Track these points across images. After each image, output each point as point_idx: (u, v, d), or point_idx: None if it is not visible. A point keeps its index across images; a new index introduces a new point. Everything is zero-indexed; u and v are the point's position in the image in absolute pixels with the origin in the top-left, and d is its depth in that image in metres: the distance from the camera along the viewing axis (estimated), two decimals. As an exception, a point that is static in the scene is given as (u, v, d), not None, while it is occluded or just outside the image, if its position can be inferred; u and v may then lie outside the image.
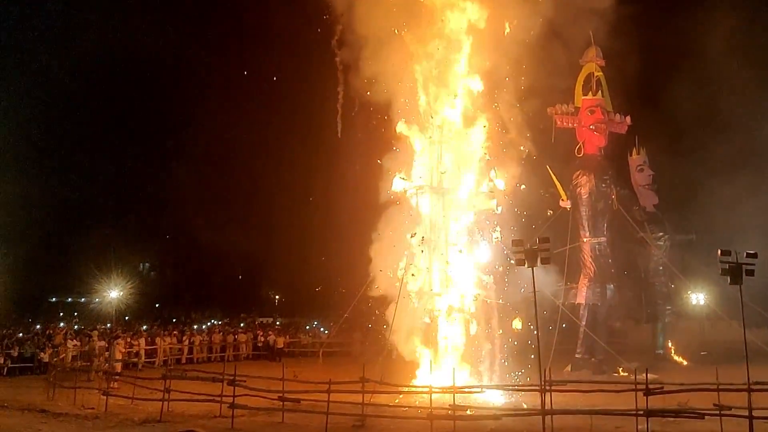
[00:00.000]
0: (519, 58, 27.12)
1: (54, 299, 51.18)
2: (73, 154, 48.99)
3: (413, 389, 21.44)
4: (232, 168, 59.43)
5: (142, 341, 33.61)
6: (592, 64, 32.51)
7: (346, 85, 28.26)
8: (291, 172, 55.04)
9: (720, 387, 17.40)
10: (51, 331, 35.76)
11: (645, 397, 16.82)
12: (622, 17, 30.93)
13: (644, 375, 17.44)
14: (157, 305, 53.05)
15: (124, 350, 29.95)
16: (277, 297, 66.84)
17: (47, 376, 25.22)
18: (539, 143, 30.09)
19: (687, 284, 35.06)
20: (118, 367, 26.83)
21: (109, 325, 37.27)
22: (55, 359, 27.90)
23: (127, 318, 41.09)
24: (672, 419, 17.10)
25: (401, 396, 20.86)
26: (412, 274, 26.46)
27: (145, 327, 41.51)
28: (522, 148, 28.01)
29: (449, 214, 27.00)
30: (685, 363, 33.83)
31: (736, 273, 17.94)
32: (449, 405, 18.29)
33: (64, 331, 35.45)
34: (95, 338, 31.76)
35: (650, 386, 17.15)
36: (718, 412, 16.71)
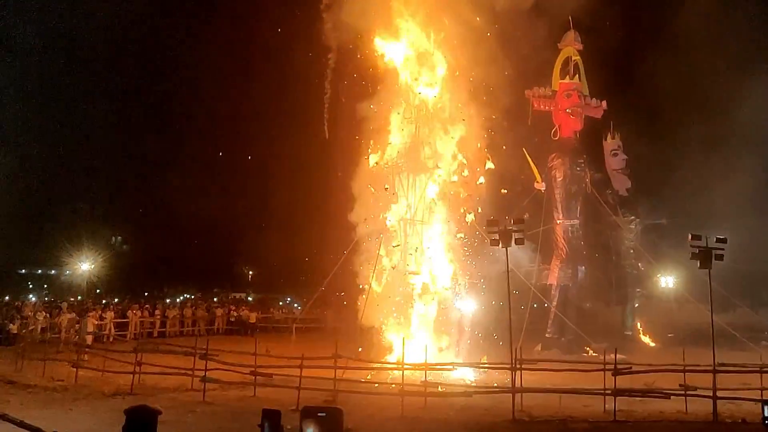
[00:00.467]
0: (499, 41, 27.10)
1: (23, 271, 50.57)
2: (46, 127, 48.30)
3: (386, 366, 21.52)
4: (207, 142, 59.01)
5: (111, 314, 33.30)
6: (570, 48, 32.65)
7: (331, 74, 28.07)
8: (268, 147, 54.70)
9: (686, 368, 17.72)
10: (20, 303, 35.42)
11: (613, 377, 17.05)
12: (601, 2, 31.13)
13: (613, 355, 17.67)
14: (129, 279, 52.59)
15: (95, 323, 29.75)
16: (251, 272, 66.67)
17: (16, 347, 24.99)
18: (516, 125, 30.31)
19: (657, 267, 35.44)
20: (90, 339, 26.64)
21: (79, 297, 36.96)
22: (24, 331, 27.67)
23: (98, 291, 40.74)
24: (639, 399, 17.33)
25: (373, 372, 20.95)
26: (395, 246, 26.46)
27: (116, 300, 41.20)
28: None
29: (425, 194, 27.00)
30: (653, 344, 34.31)
31: (705, 257, 18.21)
32: (421, 382, 18.43)
33: (34, 303, 35.13)
34: (64, 310, 31.48)
35: (618, 366, 17.38)
36: (683, 392, 17.02)
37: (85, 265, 37.37)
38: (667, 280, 36.72)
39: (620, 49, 36.87)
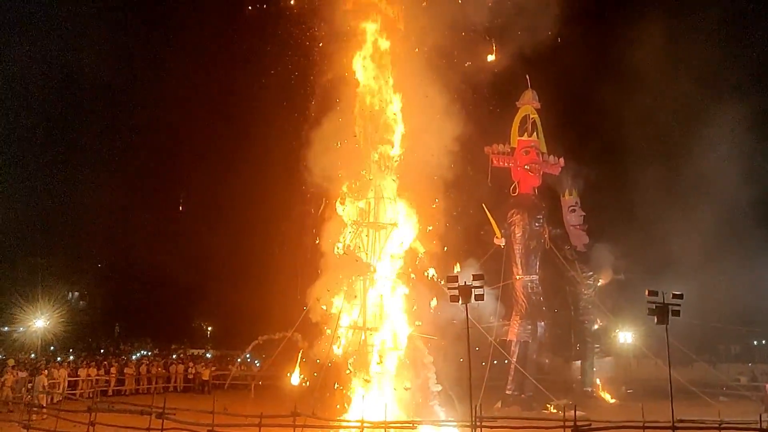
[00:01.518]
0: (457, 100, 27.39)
1: (-26, 328, 49.25)
2: (2, 181, 47.62)
3: (345, 423, 21.21)
4: (164, 199, 58.65)
5: (63, 372, 32.34)
6: (529, 107, 33.29)
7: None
8: (226, 205, 54.55)
9: (646, 424, 17.72)
10: (-31, 362, 34.32)
11: (573, 434, 16.99)
12: (556, 60, 31.94)
13: (573, 412, 17.62)
14: (85, 335, 51.49)
15: (46, 382, 28.90)
16: (209, 328, 65.72)
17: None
18: (476, 182, 30.59)
19: (615, 322, 35.67)
20: (43, 399, 25.85)
21: (32, 355, 35.98)
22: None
23: (52, 348, 39.77)
24: (600, 455, 17.28)
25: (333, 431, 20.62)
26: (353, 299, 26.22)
27: (71, 357, 40.20)
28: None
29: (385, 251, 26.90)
30: (612, 400, 34.32)
31: (662, 313, 18.39)
32: (382, 440, 18.19)
33: (-16, 362, 34.07)
34: (9, 368, 30.36)
35: (578, 423, 17.35)
36: (643, 448, 17.01)
37: (39, 322, 36.49)
38: (625, 336, 36.90)
39: (576, 106, 37.64)
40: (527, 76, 33.44)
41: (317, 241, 27.07)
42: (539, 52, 30.77)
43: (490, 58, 29.28)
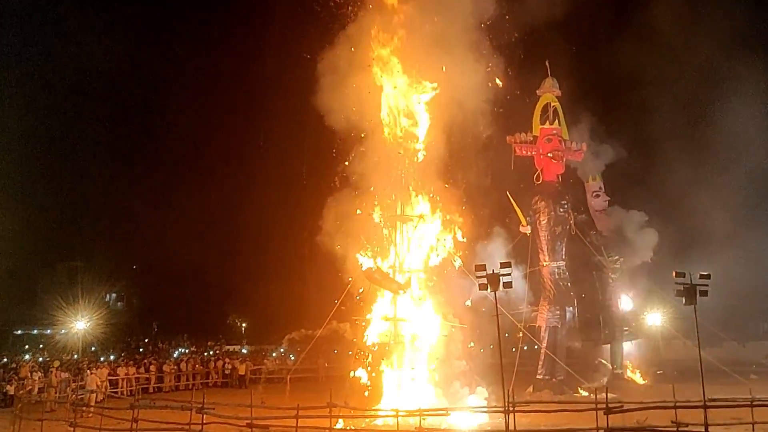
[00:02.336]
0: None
1: (20, 332, 50.05)
2: (41, 188, 48.36)
3: (380, 413, 21.34)
4: (197, 198, 59.10)
5: (104, 371, 32.82)
6: (549, 95, 33.09)
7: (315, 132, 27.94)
8: (258, 202, 54.89)
9: (677, 405, 17.63)
10: (16, 364, 34.98)
11: (605, 416, 16.95)
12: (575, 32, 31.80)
13: (604, 394, 17.59)
14: (125, 335, 52.19)
15: (99, 381, 29.35)
16: (243, 324, 66.27)
17: (13, 408, 24.64)
18: (500, 171, 30.57)
19: (643, 305, 35.45)
20: (92, 399, 26.24)
21: (75, 356, 36.56)
22: (20, 392, 27.31)
23: (93, 348, 40.36)
24: (632, 437, 17.25)
25: (368, 420, 20.75)
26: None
27: (112, 357, 40.78)
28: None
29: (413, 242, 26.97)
30: (642, 382, 34.18)
31: (690, 294, 18.27)
32: (416, 428, 18.28)
33: (30, 363, 34.70)
34: (54, 370, 30.92)
35: (610, 405, 17.28)
36: (675, 428, 16.91)
37: (80, 324, 37.09)
38: (654, 318, 36.69)
39: (599, 82, 37.23)
40: (547, 63, 33.27)
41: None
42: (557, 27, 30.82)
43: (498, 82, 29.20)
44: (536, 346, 31.90)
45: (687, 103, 43.82)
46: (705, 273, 18.57)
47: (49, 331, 44.72)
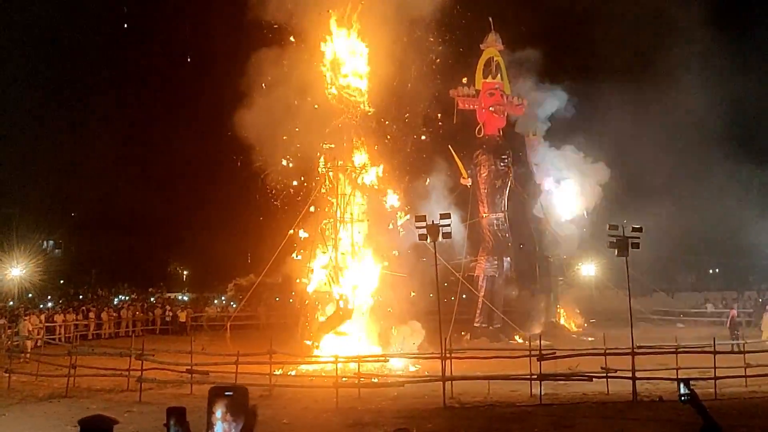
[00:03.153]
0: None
1: (-49, 277, 48.75)
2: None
3: (320, 359, 21.53)
4: (139, 144, 57.87)
5: (42, 318, 32.23)
6: (492, 49, 33.12)
7: None
8: (201, 149, 53.97)
9: (606, 351, 18.22)
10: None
11: (539, 362, 17.42)
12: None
13: (538, 342, 18.04)
14: (61, 282, 51.17)
15: (32, 327, 28.80)
16: (185, 272, 65.74)
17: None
18: (442, 123, 30.74)
19: (578, 256, 36.20)
20: (29, 344, 25.79)
21: (10, 303, 35.80)
22: (-45, 338, 26.74)
23: (30, 295, 39.54)
24: (563, 382, 17.80)
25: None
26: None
27: (50, 304, 40.06)
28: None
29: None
30: (575, 329, 35.10)
31: (622, 246, 18.69)
32: (354, 373, 18.52)
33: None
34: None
35: (543, 352, 17.76)
36: (604, 374, 17.50)
37: (16, 270, 36.24)
38: (588, 268, 37.53)
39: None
40: (490, 19, 33.23)
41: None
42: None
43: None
44: (474, 295, 32.44)
45: (629, 52, 44.39)
46: (637, 226, 19.01)
47: (-17, 277, 43.62)
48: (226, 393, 3.98)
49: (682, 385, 5.04)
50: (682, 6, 40.55)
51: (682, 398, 5.00)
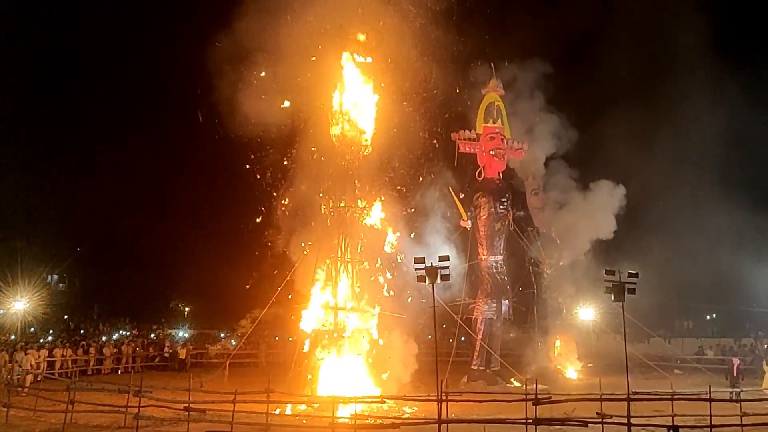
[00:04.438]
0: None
1: (-45, 311, 48.56)
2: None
3: (317, 399, 21.36)
4: (144, 183, 57.96)
5: (44, 353, 32.08)
6: (494, 94, 33.34)
7: None
8: (206, 190, 54.17)
9: (603, 397, 18.04)
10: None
11: (534, 407, 17.23)
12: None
13: (534, 386, 17.89)
14: (65, 317, 51.00)
15: (34, 361, 28.68)
16: (186, 309, 65.55)
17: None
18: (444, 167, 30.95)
19: (576, 300, 36.03)
20: (27, 379, 25.61)
21: (12, 336, 35.60)
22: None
23: (32, 329, 39.37)
24: (558, 427, 17.60)
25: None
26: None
27: (50, 338, 39.84)
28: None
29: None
30: (573, 374, 34.80)
31: (619, 291, 18.62)
32: (351, 414, 18.34)
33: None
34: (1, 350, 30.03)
35: (539, 396, 17.59)
36: (600, 420, 17.30)
37: (19, 304, 36.12)
38: (585, 313, 37.35)
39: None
40: (492, 65, 33.54)
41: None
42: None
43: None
44: (472, 337, 32.27)
45: (632, 84, 44.74)
46: (633, 272, 18.96)
47: (-15, 311, 43.46)
48: None
49: (671, 432, 5.00)
50: (686, 37, 40.76)
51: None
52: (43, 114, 55.85)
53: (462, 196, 32.28)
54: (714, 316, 53.29)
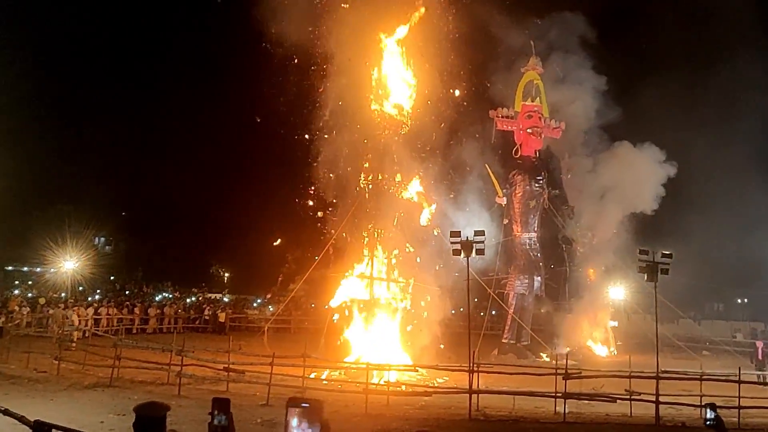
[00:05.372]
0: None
1: (10, 268, 49.82)
2: (34, 134, 47.61)
3: (352, 366, 21.60)
4: (189, 151, 58.64)
5: (91, 311, 32.98)
6: (533, 72, 33.05)
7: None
8: (247, 158, 54.65)
9: (631, 374, 18.01)
10: (5, 298, 34.96)
11: (564, 381, 17.28)
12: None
13: (564, 361, 17.92)
14: (111, 278, 52.08)
15: (78, 318, 29.52)
16: (226, 274, 66.49)
17: (2, 340, 24.73)
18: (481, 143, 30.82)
19: (607, 279, 35.80)
20: (75, 335, 26.32)
21: (63, 294, 36.53)
22: (9, 324, 27.39)
23: (81, 288, 40.30)
24: (587, 402, 17.63)
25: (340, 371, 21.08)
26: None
27: (98, 297, 40.78)
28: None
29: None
30: (605, 352, 34.69)
31: (652, 271, 18.50)
32: (384, 382, 18.57)
33: (18, 298, 34.67)
34: (60, 306, 30.88)
35: (569, 371, 17.62)
36: (628, 397, 17.29)
37: (69, 264, 37.02)
38: (616, 292, 37.08)
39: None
40: (532, 42, 33.19)
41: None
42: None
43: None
44: (503, 311, 32.32)
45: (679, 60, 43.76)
46: (667, 252, 18.80)
47: (39, 269, 44.54)
48: (303, 404, 4.16)
49: (708, 410, 5.01)
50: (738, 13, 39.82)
51: (707, 422, 4.96)
52: (86, 77, 56.68)
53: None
54: (745, 300, 52.50)
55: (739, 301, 53.16)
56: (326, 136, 26.84)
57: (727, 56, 41.14)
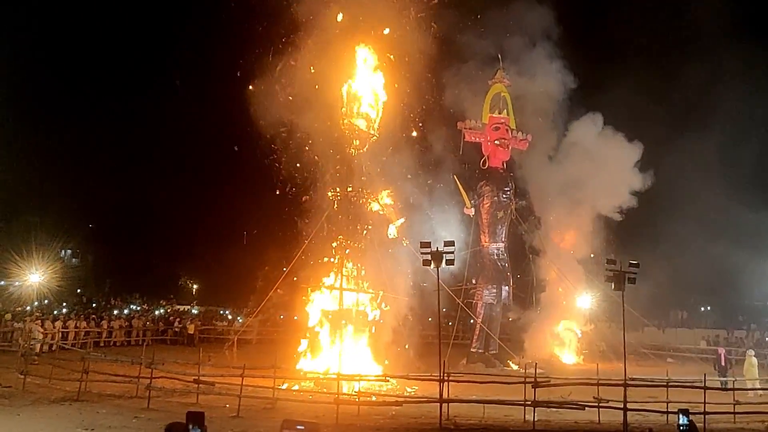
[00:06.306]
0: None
1: (-28, 282, 48.77)
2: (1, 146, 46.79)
3: (322, 376, 21.45)
4: (157, 162, 58.05)
5: (58, 324, 32.37)
6: (500, 85, 33.26)
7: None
8: (216, 171, 54.29)
9: (599, 382, 18.11)
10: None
11: (533, 389, 17.32)
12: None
13: (533, 369, 17.97)
14: (78, 290, 51.24)
15: (43, 331, 28.92)
16: (195, 286, 65.84)
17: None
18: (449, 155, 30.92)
19: (574, 288, 36.05)
20: (37, 347, 25.80)
21: (28, 308, 35.79)
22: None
23: (47, 301, 39.53)
24: (556, 410, 17.65)
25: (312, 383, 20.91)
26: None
27: (65, 311, 40.04)
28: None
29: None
30: (571, 359, 34.90)
31: (619, 280, 18.63)
32: (355, 392, 18.45)
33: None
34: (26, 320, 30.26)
35: (538, 380, 17.67)
36: (596, 404, 17.38)
37: (34, 277, 36.28)
38: (583, 300, 37.37)
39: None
40: (499, 55, 33.44)
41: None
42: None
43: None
44: (472, 321, 32.36)
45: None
46: (634, 262, 18.96)
47: (2, 282, 43.63)
48: (298, 426, 4.12)
49: (681, 416, 5.01)
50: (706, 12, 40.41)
51: (681, 428, 4.95)
52: (55, 88, 55.89)
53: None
54: (708, 308, 53.26)
55: (703, 309, 53.91)
56: (294, 151, 26.77)
57: (695, 64, 41.63)
